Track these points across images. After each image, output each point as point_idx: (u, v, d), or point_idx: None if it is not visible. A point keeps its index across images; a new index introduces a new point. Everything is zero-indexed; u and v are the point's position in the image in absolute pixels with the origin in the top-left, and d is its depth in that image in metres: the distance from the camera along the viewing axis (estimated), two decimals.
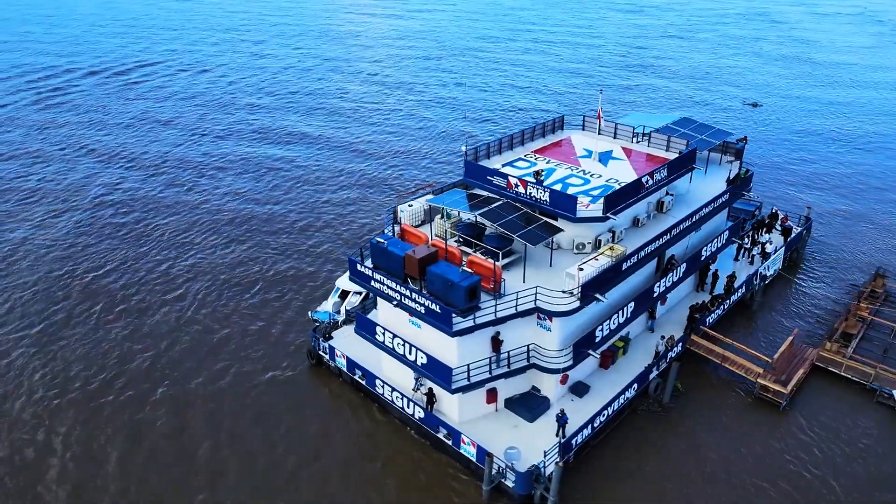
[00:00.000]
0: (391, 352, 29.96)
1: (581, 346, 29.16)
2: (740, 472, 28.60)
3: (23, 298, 40.46)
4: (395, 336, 29.51)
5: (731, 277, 38.22)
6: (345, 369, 33.38)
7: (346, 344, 33.66)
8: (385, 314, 30.99)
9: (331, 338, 34.82)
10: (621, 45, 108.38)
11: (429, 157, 62.17)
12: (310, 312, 37.34)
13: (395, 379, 31.57)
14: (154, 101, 79.19)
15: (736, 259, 41.68)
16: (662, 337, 33.74)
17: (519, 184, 31.37)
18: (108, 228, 48.90)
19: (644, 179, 31.97)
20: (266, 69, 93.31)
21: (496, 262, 28.09)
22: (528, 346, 28.81)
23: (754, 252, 41.45)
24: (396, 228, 31.66)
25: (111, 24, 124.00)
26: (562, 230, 29.68)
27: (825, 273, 43.13)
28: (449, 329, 26.55)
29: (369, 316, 32.21)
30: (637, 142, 38.53)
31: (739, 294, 38.85)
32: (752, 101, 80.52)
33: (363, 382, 32.59)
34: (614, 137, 38.94)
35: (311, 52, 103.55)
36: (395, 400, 31.10)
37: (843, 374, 33.29)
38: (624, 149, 37.43)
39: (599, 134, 39.35)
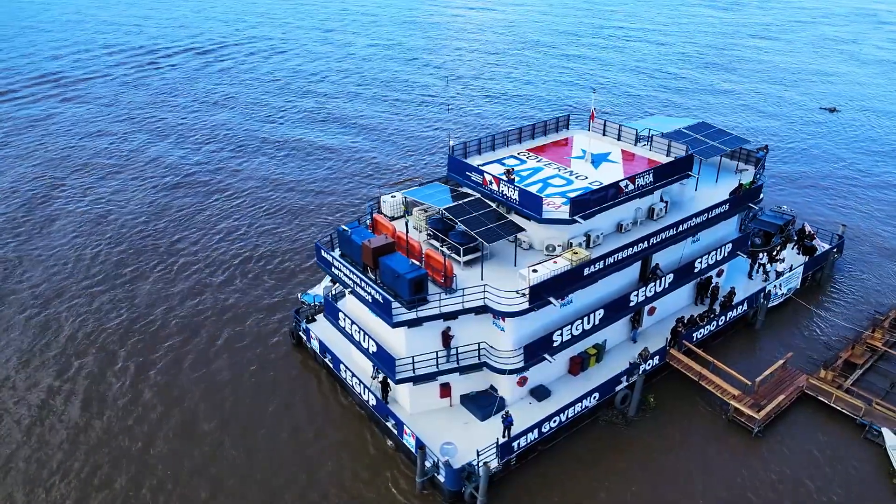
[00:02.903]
0: (350, 338, 30.68)
1: (534, 349, 28.71)
2: (690, 496, 27.31)
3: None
4: (353, 322, 30.21)
5: (731, 293, 36.22)
6: (318, 351, 34.47)
7: (323, 328, 34.67)
8: (352, 301, 31.70)
9: (314, 320, 36.00)
10: (705, 43, 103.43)
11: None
12: (299, 294, 38.70)
13: (361, 365, 32.25)
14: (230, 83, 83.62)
15: (749, 275, 39.40)
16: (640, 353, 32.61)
17: (493, 181, 31.17)
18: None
19: (623, 184, 30.87)
20: (341, 57, 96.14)
21: (446, 256, 28.11)
22: (478, 343, 28.69)
23: (770, 268, 38.99)
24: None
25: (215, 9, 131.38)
26: (523, 230, 29.28)
27: (849, 297, 39.91)
28: (389, 319, 26.92)
29: (341, 302, 33.08)
30: (643, 145, 37.06)
31: (741, 311, 36.72)
32: (830, 105, 75.08)
33: (332, 366, 33.57)
34: (618, 139, 37.66)
35: (391, 44, 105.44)
36: (354, 385, 31.85)
37: (833, 405, 30.91)
38: (624, 152, 36.13)
39: (604, 135, 38.19)
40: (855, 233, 46.54)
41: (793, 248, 41.34)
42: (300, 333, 35.77)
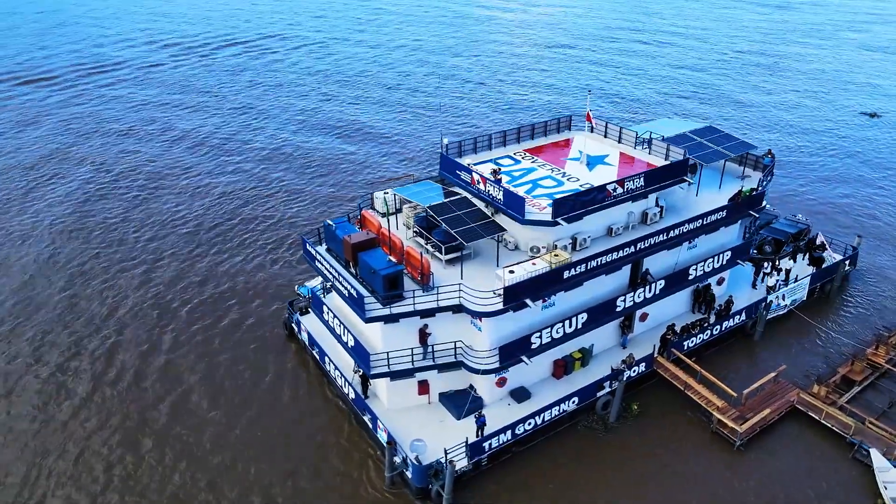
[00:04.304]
0: (332, 331, 31.11)
1: (511, 350, 28.57)
2: None
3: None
4: (335, 316, 30.61)
5: (728, 301, 35.31)
6: (307, 343, 35.03)
7: (312, 320, 35.14)
8: (337, 295, 32.07)
9: (307, 312, 36.56)
10: (748, 49, 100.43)
11: None
12: (296, 287, 39.35)
13: (344, 359, 32.56)
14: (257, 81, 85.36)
15: (753, 284, 38.34)
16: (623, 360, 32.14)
17: (480, 181, 31.12)
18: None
19: (611, 187, 30.42)
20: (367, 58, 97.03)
21: (423, 254, 28.22)
22: (455, 342, 28.72)
23: (776, 278, 37.82)
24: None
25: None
26: (504, 230, 29.16)
27: (857, 311, 38.39)
28: (363, 314, 27.18)
29: (329, 296, 33.52)
30: (642, 148, 36.41)
31: (738, 321, 35.74)
32: (870, 110, 72.24)
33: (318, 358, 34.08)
34: (618, 142, 37.08)
35: (419, 44, 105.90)
36: (336, 378, 32.25)
37: (823, 421, 29.84)
38: (623, 154, 35.56)
39: (606, 137, 37.65)
40: (876, 246, 44.77)
41: (802, 258, 40.02)
42: (292, 325, 36.39)
